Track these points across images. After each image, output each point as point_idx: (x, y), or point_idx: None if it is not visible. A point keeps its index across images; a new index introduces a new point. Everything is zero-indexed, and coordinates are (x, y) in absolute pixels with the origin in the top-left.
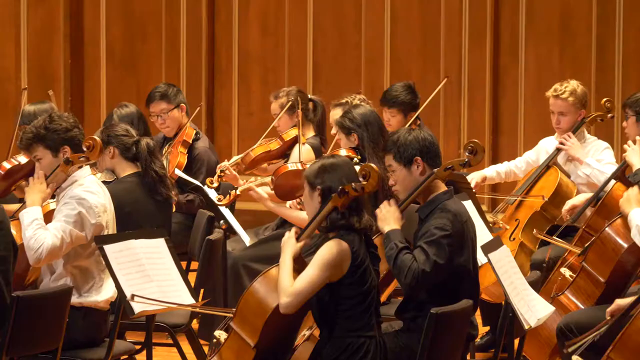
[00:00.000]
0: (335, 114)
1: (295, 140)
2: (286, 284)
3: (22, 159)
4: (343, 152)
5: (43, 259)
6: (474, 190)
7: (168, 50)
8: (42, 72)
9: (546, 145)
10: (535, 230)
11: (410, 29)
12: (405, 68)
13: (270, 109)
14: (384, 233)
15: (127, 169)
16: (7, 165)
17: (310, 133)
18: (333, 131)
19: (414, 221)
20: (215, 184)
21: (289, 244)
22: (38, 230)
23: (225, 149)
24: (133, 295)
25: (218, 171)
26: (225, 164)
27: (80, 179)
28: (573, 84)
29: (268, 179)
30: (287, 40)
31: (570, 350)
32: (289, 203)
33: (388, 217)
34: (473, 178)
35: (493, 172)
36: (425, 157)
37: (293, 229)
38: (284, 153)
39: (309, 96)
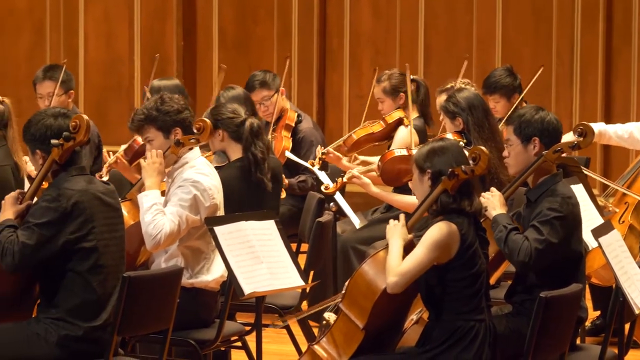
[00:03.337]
0: (441, 99)
1: (398, 122)
2: (394, 263)
3: None
4: (449, 136)
5: (161, 245)
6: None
7: (280, 32)
8: (155, 55)
9: None
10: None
11: (522, 11)
12: (516, 51)
13: (374, 93)
14: (491, 218)
15: (237, 151)
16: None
17: (414, 114)
18: (441, 117)
19: (522, 203)
20: (317, 166)
21: (396, 231)
22: (157, 216)
23: (335, 132)
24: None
25: (319, 154)
26: (328, 148)
27: (191, 161)
28: None
29: (374, 166)
30: (399, 21)
31: None
32: None
33: (494, 202)
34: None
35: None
36: (544, 140)
37: (401, 217)
38: (388, 135)
39: (412, 77)
